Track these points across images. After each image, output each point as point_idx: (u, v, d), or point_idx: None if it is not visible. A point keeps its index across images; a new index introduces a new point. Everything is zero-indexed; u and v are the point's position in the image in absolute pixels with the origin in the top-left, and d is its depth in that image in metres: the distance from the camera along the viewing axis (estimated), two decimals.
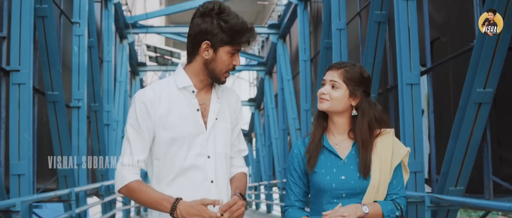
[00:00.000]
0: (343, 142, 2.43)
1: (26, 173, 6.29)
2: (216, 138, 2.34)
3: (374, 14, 7.67)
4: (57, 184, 8.88)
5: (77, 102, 9.51)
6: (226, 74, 2.34)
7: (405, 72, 6.54)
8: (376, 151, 2.38)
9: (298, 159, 2.47)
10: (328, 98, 2.40)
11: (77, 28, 9.67)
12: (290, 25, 15.16)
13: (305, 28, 13.21)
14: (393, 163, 2.39)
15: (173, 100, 2.33)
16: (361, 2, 9.81)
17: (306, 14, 13.30)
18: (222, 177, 2.36)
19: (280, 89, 15.81)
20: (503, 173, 5.87)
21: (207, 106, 2.37)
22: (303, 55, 13.17)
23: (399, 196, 2.40)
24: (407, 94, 6.48)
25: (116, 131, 13.93)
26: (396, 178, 2.40)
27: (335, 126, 2.44)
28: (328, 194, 2.38)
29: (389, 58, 8.40)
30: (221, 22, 2.25)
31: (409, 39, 6.59)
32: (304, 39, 13.19)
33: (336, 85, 2.40)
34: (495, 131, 5.97)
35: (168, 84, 2.36)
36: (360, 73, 2.41)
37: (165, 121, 2.30)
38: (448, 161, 5.56)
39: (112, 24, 13.24)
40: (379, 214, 2.34)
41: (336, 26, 9.73)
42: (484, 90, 5.11)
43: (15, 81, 6.44)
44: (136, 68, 18.23)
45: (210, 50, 2.30)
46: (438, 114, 7.06)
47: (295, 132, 14.10)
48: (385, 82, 8.55)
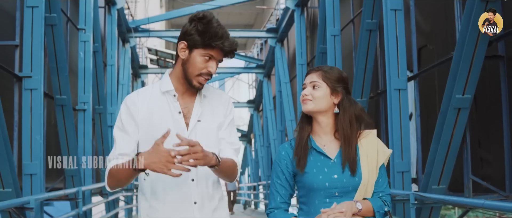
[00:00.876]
0: (331, 143, 2.49)
1: (38, 172, 6.71)
2: (198, 138, 2.35)
3: (365, 22, 8.09)
4: (64, 183, 9.30)
5: (83, 105, 9.92)
6: (199, 78, 2.39)
7: (393, 78, 6.96)
8: (363, 150, 2.45)
9: (286, 161, 2.51)
10: (311, 98, 2.46)
11: (83, 34, 10.08)
12: (288, 29, 15.56)
13: (302, 33, 13.61)
14: (379, 162, 2.47)
15: (155, 103, 2.43)
16: (354, 10, 10.24)
17: (303, 20, 13.71)
18: (204, 175, 2.44)
19: (278, 91, 16.19)
20: (484, 173, 6.29)
21: (191, 109, 2.45)
22: (300, 59, 13.56)
23: (385, 193, 2.49)
24: (395, 99, 6.90)
25: None
26: (381, 177, 2.49)
27: (321, 127, 2.50)
28: (321, 193, 2.42)
29: (380, 64, 8.82)
30: (198, 26, 2.36)
31: (397, 47, 7.01)
32: (301, 43, 13.58)
33: (317, 85, 2.46)
34: (476, 133, 6.39)
35: (152, 89, 2.48)
36: (338, 73, 2.49)
37: (147, 122, 2.40)
38: (431, 162, 5.98)
39: (115, 29, 13.66)
40: (370, 210, 2.42)
41: (331, 33, 10.15)
42: (463, 96, 5.53)
43: (27, 86, 6.85)
44: (138, 71, 18.66)
45: (186, 51, 2.39)
46: (425, 117, 7.48)
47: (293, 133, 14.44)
48: (376, 87, 8.97)
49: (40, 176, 6.76)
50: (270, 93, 18.40)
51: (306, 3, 13.70)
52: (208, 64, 2.38)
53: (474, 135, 6.38)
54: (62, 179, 9.40)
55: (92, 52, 10.29)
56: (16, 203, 5.72)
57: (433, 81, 7.38)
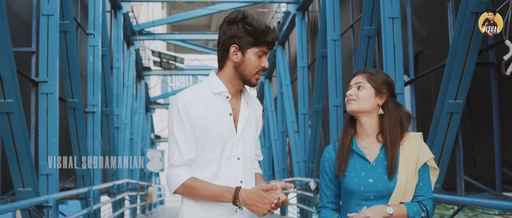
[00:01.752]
0: (372, 145, 2.48)
1: (53, 173, 7.09)
2: (245, 141, 2.47)
3: (364, 29, 8.45)
4: (74, 183, 9.67)
5: (92, 107, 10.31)
6: (256, 76, 2.45)
7: None
8: (403, 154, 2.43)
9: (329, 163, 2.54)
10: (355, 99, 2.46)
11: (92, 39, 10.46)
12: (289, 32, 15.91)
13: (303, 37, 13.96)
14: (418, 165, 2.43)
15: (210, 104, 2.42)
16: (354, 16, 10.60)
17: (304, 24, 14.06)
18: (249, 178, 2.49)
19: (280, 93, 16.50)
20: (476, 173, 6.65)
21: (238, 111, 2.48)
22: (301, 62, 13.91)
23: (425, 197, 2.43)
24: None
25: (125, 133, 14.74)
26: (422, 180, 2.44)
27: (363, 129, 2.49)
28: (357, 196, 2.43)
29: (379, 68, 9.19)
30: (246, 26, 2.38)
31: (394, 53, 7.39)
32: (302, 47, 13.93)
33: (362, 86, 2.47)
34: (469, 136, 6.75)
35: (204, 89, 2.45)
36: (384, 75, 2.51)
37: (203, 123, 2.40)
38: None
39: (121, 33, 14.03)
40: (404, 214, 2.37)
41: (331, 37, 10.54)
42: (455, 101, 5.90)
43: (43, 91, 7.22)
44: (142, 72, 19.04)
45: (238, 53, 2.42)
46: (421, 120, 7.85)
47: (294, 134, 14.80)
48: None
49: (55, 176, 7.13)
50: (272, 95, 18.70)
51: (307, 8, 14.06)
52: (261, 60, 2.43)
53: (467, 137, 6.74)
54: (72, 179, 9.76)
55: (100, 56, 10.67)
56: (36, 202, 6.08)
57: (429, 86, 7.74)
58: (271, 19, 19.81)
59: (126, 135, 14.91)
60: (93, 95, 10.39)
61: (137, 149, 17.27)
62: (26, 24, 7.75)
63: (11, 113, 5.69)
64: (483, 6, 5.35)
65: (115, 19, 13.73)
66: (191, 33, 18.71)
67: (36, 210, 6.27)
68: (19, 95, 5.83)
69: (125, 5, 13.86)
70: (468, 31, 5.52)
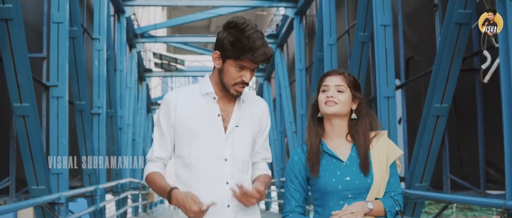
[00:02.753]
0: (342, 145, 2.53)
1: (64, 172, 7.50)
2: (235, 143, 2.43)
3: (359, 35, 8.87)
4: (81, 181, 10.09)
5: (98, 109, 10.72)
6: (235, 87, 2.40)
7: (383, 86, 7.75)
8: (374, 151, 2.50)
9: (299, 165, 2.55)
10: (337, 102, 2.48)
11: (97, 44, 10.87)
12: (287, 36, 16.31)
13: (301, 40, 14.37)
14: (389, 161, 2.50)
15: (194, 104, 2.44)
16: (350, 22, 11.02)
17: (302, 27, 14.46)
18: (237, 180, 2.43)
19: (278, 94, 16.86)
20: (462, 172, 7.07)
21: (230, 113, 2.46)
22: (299, 64, 14.30)
23: (396, 192, 2.52)
24: (384, 105, 7.69)
25: (127, 133, 15.15)
26: (392, 176, 2.52)
27: (334, 130, 2.53)
28: (335, 196, 2.46)
29: (372, 72, 9.60)
30: (229, 37, 2.33)
31: (386, 59, 7.80)
32: (300, 50, 14.33)
33: (342, 89, 2.49)
34: (456, 137, 7.17)
35: (192, 90, 2.48)
36: (356, 79, 2.58)
37: (184, 123, 2.42)
38: (414, 162, 6.76)
39: (124, 36, 14.44)
40: (382, 209, 2.45)
41: (327, 42, 10.96)
42: (441, 105, 6.32)
43: (54, 95, 7.63)
44: (143, 74, 19.45)
45: (220, 60, 2.41)
46: (412, 122, 8.26)
47: (292, 134, 15.18)
48: (369, 93, 9.75)
49: (65, 175, 7.55)
50: (270, 96, 19.04)
51: (305, 12, 14.47)
52: (241, 74, 2.38)
53: (454, 139, 7.16)
54: (79, 178, 10.18)
55: (105, 60, 11.08)
56: (50, 199, 6.50)
57: (419, 89, 8.15)
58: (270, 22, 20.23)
59: (129, 136, 15.34)
60: (99, 98, 10.80)
61: (139, 149, 17.68)
62: (37, 31, 8.15)
63: (27, 116, 6.11)
64: (466, 18, 5.77)
65: (118, 23, 14.13)
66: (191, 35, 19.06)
67: (49, 207, 6.69)
68: (34, 99, 6.24)
69: (128, 9, 14.25)
70: (453, 40, 5.93)
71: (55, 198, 6.66)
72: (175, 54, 24.67)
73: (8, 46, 5.66)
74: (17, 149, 6.76)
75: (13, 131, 6.87)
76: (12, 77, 5.90)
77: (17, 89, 5.93)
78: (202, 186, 2.39)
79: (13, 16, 5.54)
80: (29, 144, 6.29)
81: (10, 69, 5.85)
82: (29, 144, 6.29)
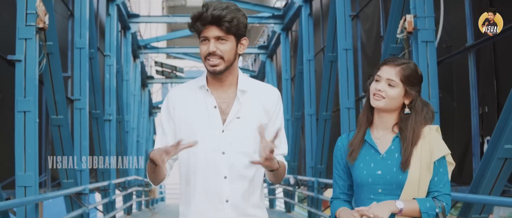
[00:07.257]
0: (385, 136, 2.36)
1: (85, 169, 9.30)
2: (235, 136, 2.32)
3: (328, 55, 10.67)
4: (95, 178, 11.89)
5: (109, 116, 12.54)
6: (208, 62, 2.30)
7: (344, 99, 9.54)
8: (416, 147, 2.29)
9: (341, 152, 2.44)
10: (384, 96, 2.30)
11: (108, 60, 12.69)
12: (276, 48, 18.07)
13: (287, 53, 16.14)
14: (433, 159, 2.28)
15: (191, 98, 2.37)
16: (325, 40, 12.83)
17: (288, 42, 16.23)
18: (237, 175, 2.33)
19: None
20: None
21: (230, 104, 2.35)
22: (285, 74, 16.09)
23: (441, 193, 2.29)
24: (345, 115, 9.48)
25: (132, 136, 16.99)
26: (437, 175, 2.29)
27: (382, 121, 2.37)
28: (365, 189, 2.32)
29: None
30: None
31: (347, 76, 9.60)
32: (286, 61, 16.12)
33: (393, 84, 2.30)
34: None
35: (190, 84, 2.43)
36: (415, 72, 2.33)
37: (183, 117, 2.36)
38: None
39: (130, 49, 16.25)
40: (416, 210, 2.24)
41: (306, 57, 12.79)
42: None
43: (77, 107, 9.44)
44: (146, 81, 21.28)
45: None
46: None
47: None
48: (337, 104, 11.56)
49: (86, 171, 9.35)
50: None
51: (290, 27, 16.25)
52: (206, 46, 2.29)
53: None
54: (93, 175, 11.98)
55: (115, 73, 12.89)
56: (77, 190, 8.30)
57: None
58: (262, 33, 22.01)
59: (134, 138, 17.17)
60: (110, 106, 12.61)
61: (142, 150, 19.49)
62: (63, 52, 9.96)
63: (61, 126, 7.90)
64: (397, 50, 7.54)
65: (124, 38, 15.93)
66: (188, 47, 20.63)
67: (76, 196, 8.49)
68: (66, 112, 8.05)
69: (133, 25, 16.05)
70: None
71: (81, 189, 8.45)
72: (175, 60, 26.47)
73: (49, 73, 7.43)
74: (52, 151, 8.55)
75: (49, 136, 8.67)
76: (50, 95, 7.68)
77: (54, 104, 7.71)
78: (199, 179, 2.33)
79: (53, 51, 7.32)
80: (62, 147, 8.07)
81: (49, 89, 7.62)
82: (62, 147, 8.07)
